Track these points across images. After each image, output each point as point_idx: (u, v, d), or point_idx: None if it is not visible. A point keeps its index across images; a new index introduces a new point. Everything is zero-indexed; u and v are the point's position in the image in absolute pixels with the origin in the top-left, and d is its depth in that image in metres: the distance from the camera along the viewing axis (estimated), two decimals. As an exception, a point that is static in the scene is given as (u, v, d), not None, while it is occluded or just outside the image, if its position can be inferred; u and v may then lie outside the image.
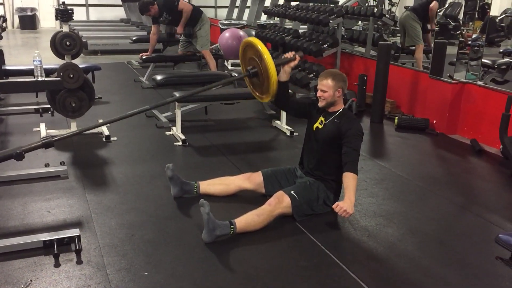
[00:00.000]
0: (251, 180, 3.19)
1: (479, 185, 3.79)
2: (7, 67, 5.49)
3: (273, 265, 2.50)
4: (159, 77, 5.37)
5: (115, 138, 4.39)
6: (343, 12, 6.27)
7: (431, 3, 6.32)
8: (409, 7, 7.48)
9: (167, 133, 4.63)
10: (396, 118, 5.19)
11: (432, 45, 5.44)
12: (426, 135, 4.94)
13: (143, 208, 3.09)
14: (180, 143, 4.34)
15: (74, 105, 4.09)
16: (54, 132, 4.33)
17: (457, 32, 5.29)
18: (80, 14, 13.23)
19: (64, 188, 3.35)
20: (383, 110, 5.39)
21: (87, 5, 14.15)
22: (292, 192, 2.92)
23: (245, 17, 10.78)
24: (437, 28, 5.50)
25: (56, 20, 4.38)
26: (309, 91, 5.98)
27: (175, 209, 3.09)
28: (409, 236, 2.86)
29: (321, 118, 3.06)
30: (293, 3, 7.91)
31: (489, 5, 5.15)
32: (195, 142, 4.39)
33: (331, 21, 6.15)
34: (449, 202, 3.39)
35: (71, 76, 3.99)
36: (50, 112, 4.96)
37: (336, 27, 6.34)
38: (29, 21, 13.51)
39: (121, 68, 8.11)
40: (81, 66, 4.39)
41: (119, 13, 13.83)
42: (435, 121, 5.08)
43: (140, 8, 6.51)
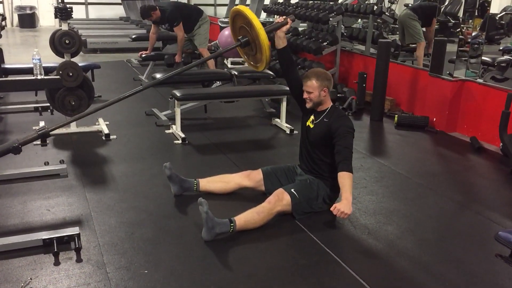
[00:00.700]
0: (250, 178, 3.19)
1: (479, 183, 3.79)
2: (6, 66, 5.48)
3: (273, 263, 2.50)
4: (158, 76, 5.35)
5: (114, 137, 4.39)
6: (342, 10, 6.27)
7: (432, 10, 6.09)
8: (409, 5, 7.46)
9: (166, 131, 4.63)
10: (396, 116, 5.19)
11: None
12: (426, 133, 4.94)
13: (142, 206, 3.09)
14: (179, 141, 4.34)
15: (73, 103, 4.09)
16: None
17: (457, 30, 5.28)
18: (79, 12, 13.21)
19: (64, 186, 3.35)
20: (383, 108, 5.39)
21: (86, 3, 14.14)
22: (292, 190, 2.91)
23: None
24: (437, 26, 5.49)
25: (56, 18, 4.36)
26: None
27: (175, 208, 3.09)
28: (408, 234, 2.86)
29: (312, 117, 3.07)
30: (293, 1, 7.90)
31: (489, 3, 5.13)
32: (195, 140, 4.39)
33: (331, 19, 6.15)
34: (449, 200, 3.39)
35: (70, 74, 3.99)
36: (49, 111, 4.96)
37: (336, 25, 6.35)
38: (28, 19, 13.51)
39: (121, 66, 8.10)
40: (80, 64, 4.37)
41: (119, 11, 13.83)
42: (434, 119, 5.08)
43: (141, 13, 6.53)
